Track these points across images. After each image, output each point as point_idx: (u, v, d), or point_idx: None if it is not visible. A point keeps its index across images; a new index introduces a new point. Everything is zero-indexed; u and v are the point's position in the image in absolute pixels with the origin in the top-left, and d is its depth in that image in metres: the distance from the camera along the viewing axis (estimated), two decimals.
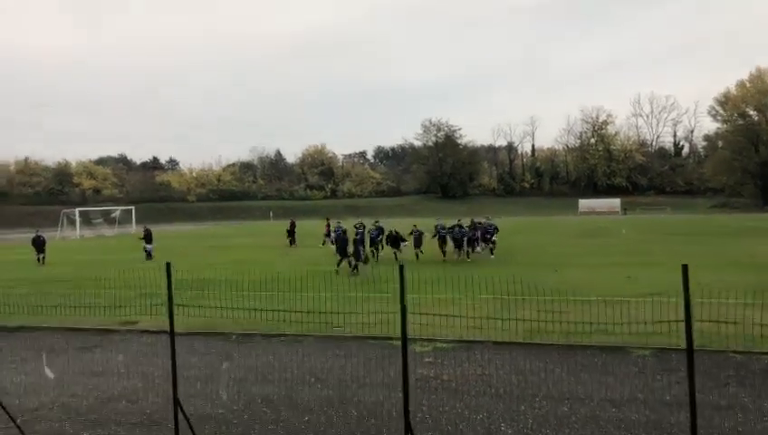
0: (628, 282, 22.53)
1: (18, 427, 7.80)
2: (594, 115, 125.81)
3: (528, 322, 14.02)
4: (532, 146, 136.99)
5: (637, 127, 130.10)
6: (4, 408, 7.42)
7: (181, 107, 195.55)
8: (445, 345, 13.87)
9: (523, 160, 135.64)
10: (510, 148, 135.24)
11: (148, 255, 36.53)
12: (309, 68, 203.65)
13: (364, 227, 34.41)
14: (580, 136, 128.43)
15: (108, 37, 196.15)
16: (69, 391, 11.21)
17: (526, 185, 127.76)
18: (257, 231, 52.20)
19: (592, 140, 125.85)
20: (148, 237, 37.55)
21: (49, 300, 20.24)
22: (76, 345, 15.07)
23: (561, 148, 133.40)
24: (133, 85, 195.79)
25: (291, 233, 45.95)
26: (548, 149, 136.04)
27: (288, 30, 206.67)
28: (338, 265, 26.97)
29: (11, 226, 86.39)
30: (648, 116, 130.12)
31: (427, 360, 12.70)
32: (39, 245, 35.43)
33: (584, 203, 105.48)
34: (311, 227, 38.91)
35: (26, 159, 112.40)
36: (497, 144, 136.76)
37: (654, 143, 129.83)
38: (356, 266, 26.55)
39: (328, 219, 48.04)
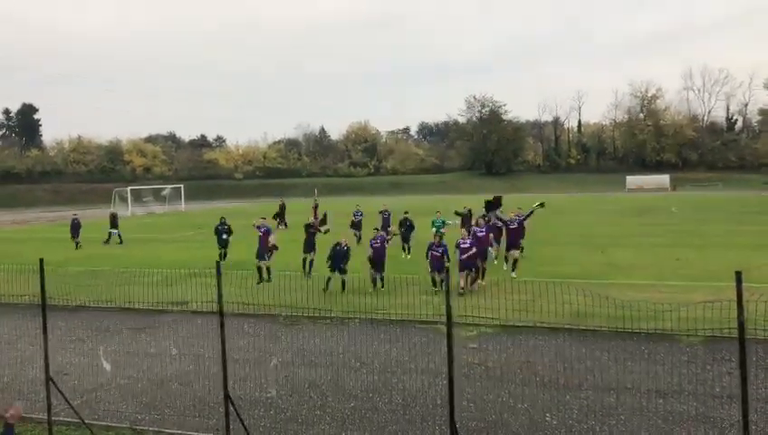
0: (678, 264, 22.07)
1: (73, 408, 8.14)
2: (643, 89, 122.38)
3: (572, 305, 13.94)
4: (579, 121, 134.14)
5: (687, 101, 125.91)
6: (59, 390, 7.75)
7: (228, 85, 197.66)
8: (490, 330, 13.89)
9: (569, 136, 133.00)
10: (556, 123, 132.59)
11: (113, 238, 34.84)
12: (352, 44, 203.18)
13: (390, 215, 31.02)
14: (629, 111, 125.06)
15: (158, 18, 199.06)
16: (124, 372, 11.64)
17: (572, 161, 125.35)
18: (301, 209, 52.57)
19: (641, 115, 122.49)
20: (113, 221, 35.57)
21: (103, 279, 20.96)
22: (130, 326, 15.58)
23: (608, 123, 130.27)
24: (181, 64, 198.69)
25: (280, 216, 42.30)
26: (595, 124, 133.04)
27: (331, 7, 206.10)
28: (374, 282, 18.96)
29: (66, 203, 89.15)
30: (699, 90, 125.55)
31: (471, 346, 12.74)
32: (75, 228, 33.90)
33: (632, 180, 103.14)
34: (346, 206, 38.53)
35: (79, 138, 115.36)
36: (543, 120, 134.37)
37: (705, 118, 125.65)
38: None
39: (316, 200, 41.73)
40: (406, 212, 27.22)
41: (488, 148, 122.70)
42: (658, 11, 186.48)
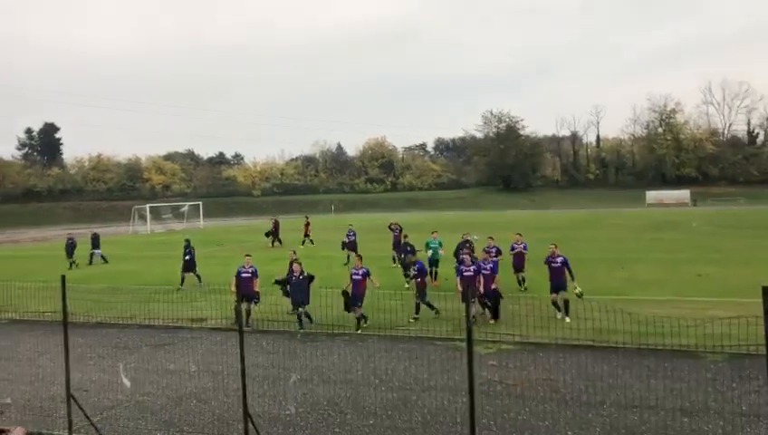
0: (700, 280, 21.77)
1: (94, 425, 8.16)
2: (662, 103, 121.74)
3: (594, 321, 13.78)
4: (597, 136, 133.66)
5: (707, 115, 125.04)
6: (80, 407, 7.78)
7: (245, 102, 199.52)
8: (509, 347, 13.75)
9: (587, 151, 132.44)
10: (574, 138, 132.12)
11: (97, 258, 33.99)
12: (367, 61, 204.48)
13: (401, 230, 28.71)
14: (647, 125, 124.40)
15: (176, 37, 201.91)
16: (143, 389, 11.65)
17: (591, 176, 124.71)
18: (316, 225, 52.93)
19: (660, 130, 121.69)
20: (95, 242, 34.68)
21: (122, 296, 21.09)
22: (149, 342, 15.62)
23: (627, 137, 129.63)
24: (198, 82, 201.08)
25: (274, 234, 41.09)
26: (613, 139, 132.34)
27: (347, 23, 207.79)
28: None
29: (86, 220, 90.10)
30: (719, 103, 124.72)
31: (491, 363, 12.61)
32: (70, 248, 32.92)
33: (652, 194, 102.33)
34: (372, 221, 38.49)
35: (99, 156, 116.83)
36: (560, 134, 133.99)
37: (726, 131, 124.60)
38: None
39: (307, 217, 42.86)
40: (405, 236, 24.72)
41: (506, 163, 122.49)
42: (677, 25, 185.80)
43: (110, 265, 32.69)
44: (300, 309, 16.17)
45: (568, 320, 15.50)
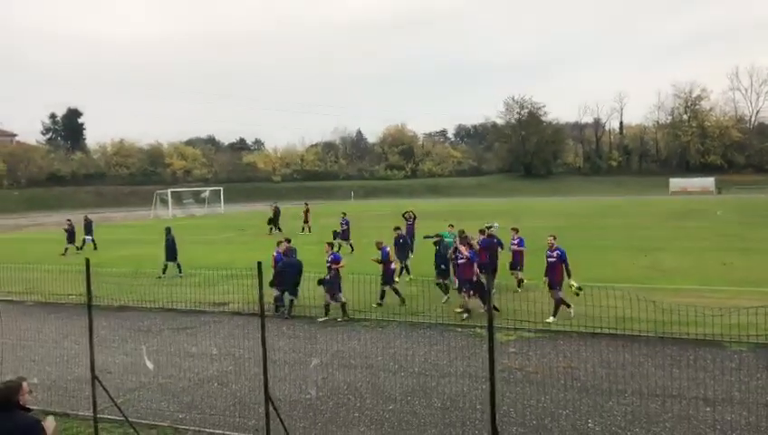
0: (725, 269, 21.49)
1: (117, 407, 8.26)
2: (687, 90, 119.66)
3: (614, 310, 13.66)
4: (620, 123, 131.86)
5: (734, 102, 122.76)
6: (104, 388, 7.88)
7: (266, 88, 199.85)
8: (529, 334, 13.70)
9: (610, 138, 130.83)
10: (597, 125, 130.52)
11: (87, 244, 33.12)
12: (388, 47, 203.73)
13: (414, 218, 26.91)
14: (672, 112, 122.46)
15: (198, 24, 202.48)
16: (165, 372, 11.79)
17: (614, 163, 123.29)
18: (332, 212, 52.84)
19: (685, 117, 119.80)
20: (88, 227, 33.94)
21: (145, 280, 21.32)
22: (171, 326, 15.80)
23: (650, 124, 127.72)
24: (219, 68, 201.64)
25: (273, 221, 40.50)
26: (637, 126, 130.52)
27: (369, 9, 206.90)
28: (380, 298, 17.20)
29: (109, 205, 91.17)
30: (746, 90, 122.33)
31: (511, 350, 12.58)
32: (70, 235, 32.59)
33: (675, 182, 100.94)
34: (390, 208, 38.23)
35: (122, 141, 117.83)
36: (583, 121, 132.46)
37: (753, 119, 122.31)
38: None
39: (307, 204, 42.22)
40: (397, 228, 21.78)
41: (527, 150, 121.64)
42: (704, 9, 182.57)
43: (134, 249, 33.01)
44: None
45: (551, 319, 14.61)
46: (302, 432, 8.92)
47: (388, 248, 17.87)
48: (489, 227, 19.36)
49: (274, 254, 17.46)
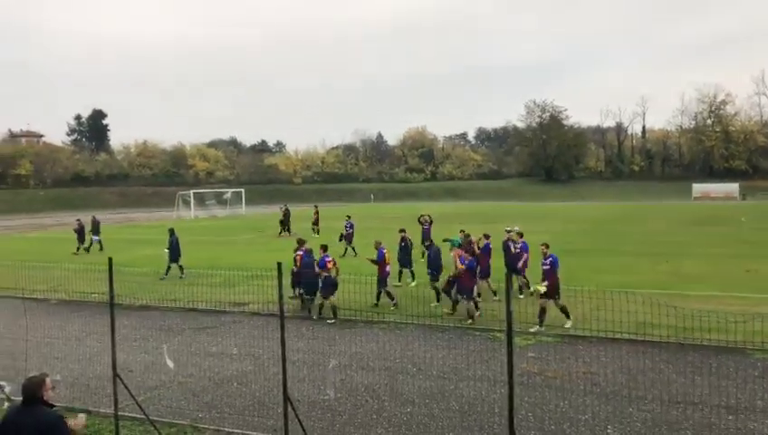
0: (748, 276, 21.19)
1: (138, 404, 8.36)
2: (711, 94, 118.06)
3: (635, 315, 13.55)
4: (643, 127, 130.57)
5: (759, 106, 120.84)
6: (125, 386, 7.98)
7: (288, 91, 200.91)
8: (549, 339, 13.64)
9: (632, 142, 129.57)
10: (619, 129, 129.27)
11: (94, 245, 33.12)
12: (409, 49, 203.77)
13: (431, 223, 26.11)
14: (695, 116, 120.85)
15: (220, 27, 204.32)
16: (185, 371, 11.91)
17: (636, 168, 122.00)
18: (353, 214, 52.90)
19: (709, 121, 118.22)
20: (95, 228, 34.03)
21: (167, 280, 21.55)
22: (192, 325, 15.95)
23: (674, 129, 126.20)
24: (242, 71, 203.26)
25: (284, 223, 40.64)
26: (660, 130, 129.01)
27: (389, 12, 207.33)
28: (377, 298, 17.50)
29: (132, 205, 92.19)
30: None
31: (530, 355, 12.53)
32: (79, 234, 32.85)
33: (699, 187, 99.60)
34: (409, 210, 38.12)
35: (145, 142, 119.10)
36: (605, 125, 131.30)
37: None
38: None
39: (316, 206, 42.33)
40: (402, 230, 21.28)
41: (548, 154, 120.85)
42: (728, 12, 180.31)
43: (156, 249, 33.23)
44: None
45: (569, 324, 14.51)
46: (320, 433, 8.96)
47: (385, 250, 17.87)
48: (509, 232, 19.29)
49: (300, 253, 17.46)
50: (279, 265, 7.70)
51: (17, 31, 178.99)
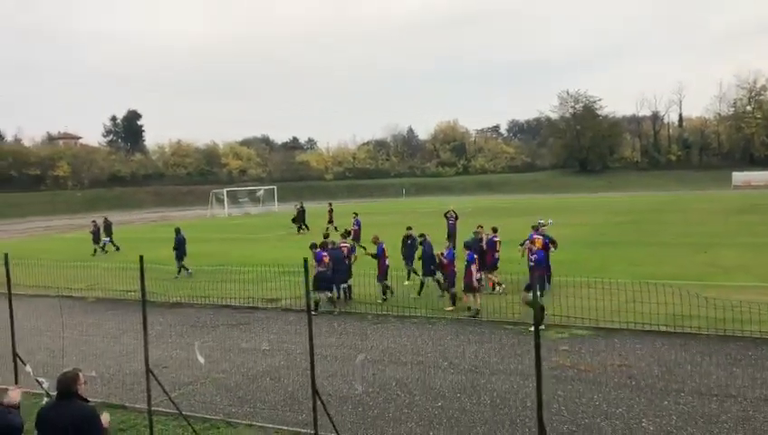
0: None
1: (171, 400, 8.47)
2: (751, 80, 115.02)
3: (672, 306, 13.31)
4: (680, 115, 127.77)
5: None
6: (158, 382, 8.09)
7: (317, 89, 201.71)
8: (582, 332, 13.45)
9: (669, 131, 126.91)
10: (655, 118, 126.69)
11: (107, 246, 33.32)
12: (439, 43, 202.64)
13: (456, 218, 25.39)
14: (735, 103, 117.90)
15: (251, 26, 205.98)
16: (219, 367, 12.07)
17: (673, 157, 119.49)
18: (384, 209, 53.16)
19: (749, 108, 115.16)
20: (108, 229, 33.99)
21: (200, 277, 21.82)
22: (225, 322, 16.14)
23: (712, 117, 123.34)
24: (272, 69, 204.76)
25: (298, 220, 40.90)
26: (697, 118, 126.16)
27: (418, 6, 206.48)
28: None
29: (167, 204, 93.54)
30: None
31: (563, 348, 12.39)
32: (96, 234, 33.12)
33: (739, 176, 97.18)
34: (442, 206, 37.91)
35: (179, 142, 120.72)
36: (640, 114, 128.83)
37: None
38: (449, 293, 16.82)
39: (331, 204, 42.54)
40: (409, 228, 20.90)
41: (582, 145, 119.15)
42: None
43: (190, 247, 33.69)
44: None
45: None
46: (351, 427, 8.97)
47: (384, 245, 18.19)
48: (543, 225, 19.05)
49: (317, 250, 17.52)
50: (305, 261, 7.72)
51: (54, 35, 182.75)
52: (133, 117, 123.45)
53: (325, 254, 17.07)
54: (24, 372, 8.06)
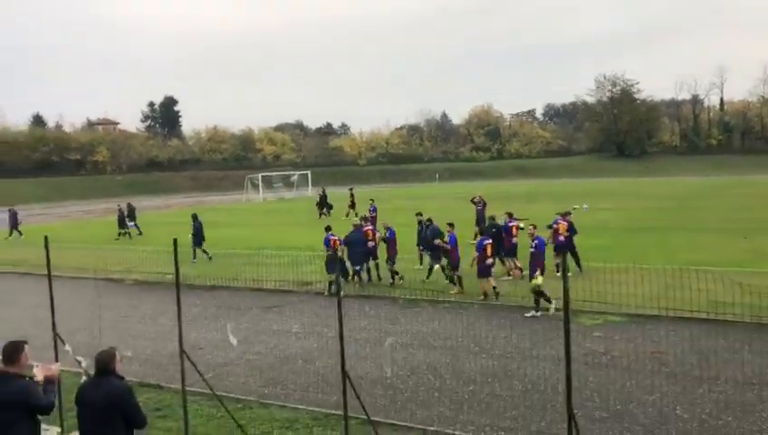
0: None
1: (206, 381, 8.62)
2: None
3: (710, 294, 13.06)
4: (721, 99, 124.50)
5: None
6: (193, 363, 8.22)
7: (351, 73, 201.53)
8: (616, 318, 13.30)
9: (709, 115, 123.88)
10: (695, 101, 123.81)
11: (128, 234, 33.40)
12: (474, 26, 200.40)
13: (484, 204, 25.16)
14: None
15: (283, 11, 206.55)
16: (253, 349, 12.25)
17: (713, 141, 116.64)
18: (417, 194, 52.96)
19: None
20: (131, 214, 34.34)
21: (235, 260, 22.09)
22: (259, 304, 16.35)
23: (755, 99, 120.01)
24: (307, 54, 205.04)
25: (321, 205, 41.13)
26: (739, 101, 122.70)
27: None
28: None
29: (203, 189, 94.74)
30: None
31: (596, 334, 12.27)
32: (122, 219, 33.35)
33: None
34: (472, 191, 37.55)
35: (215, 127, 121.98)
36: (680, 98, 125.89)
37: None
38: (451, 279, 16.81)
39: (352, 189, 42.20)
40: (419, 213, 20.74)
41: (619, 129, 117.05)
42: None
43: (225, 231, 34.17)
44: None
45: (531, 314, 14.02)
46: (381, 410, 9.03)
47: (395, 229, 18.69)
48: (574, 209, 18.86)
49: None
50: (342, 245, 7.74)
51: (93, 23, 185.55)
52: (170, 103, 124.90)
53: (335, 238, 17.77)
54: (63, 351, 8.28)
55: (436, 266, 17.72)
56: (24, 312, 15.68)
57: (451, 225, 17.06)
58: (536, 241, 14.70)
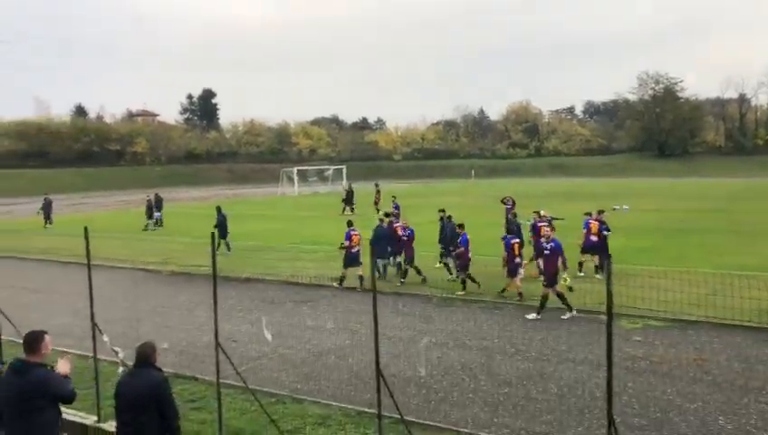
0: None
1: (239, 374, 8.63)
2: None
3: (756, 301, 12.65)
4: None
5: None
6: (227, 356, 8.24)
7: (388, 68, 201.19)
8: (657, 323, 12.96)
9: (756, 114, 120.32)
10: (741, 100, 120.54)
11: (158, 222, 34.16)
12: (514, 22, 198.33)
13: (514, 204, 24.06)
14: None
15: (322, 7, 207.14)
16: (286, 343, 12.24)
17: (760, 142, 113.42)
18: (451, 190, 52.39)
19: None
20: (158, 204, 34.69)
21: (271, 254, 22.21)
22: (293, 298, 16.38)
23: None
24: (344, 49, 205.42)
25: (348, 200, 40.82)
26: None
27: None
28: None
29: (240, 181, 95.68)
30: None
31: (636, 338, 11.97)
32: (150, 209, 33.90)
33: None
34: (505, 189, 37.24)
35: (252, 121, 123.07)
36: (726, 97, 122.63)
37: None
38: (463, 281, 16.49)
39: (377, 185, 42.54)
40: (441, 210, 20.45)
41: (662, 127, 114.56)
42: None
43: (261, 224, 34.40)
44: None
45: (532, 316, 13.78)
46: (415, 409, 8.94)
47: (413, 228, 18.57)
48: (613, 210, 18.51)
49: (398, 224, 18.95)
50: (370, 241, 7.67)
51: (135, 16, 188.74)
52: (208, 96, 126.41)
53: (355, 232, 17.73)
54: (101, 340, 8.37)
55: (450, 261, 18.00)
56: (62, 299, 16.00)
57: (461, 226, 16.96)
58: (552, 243, 14.35)
